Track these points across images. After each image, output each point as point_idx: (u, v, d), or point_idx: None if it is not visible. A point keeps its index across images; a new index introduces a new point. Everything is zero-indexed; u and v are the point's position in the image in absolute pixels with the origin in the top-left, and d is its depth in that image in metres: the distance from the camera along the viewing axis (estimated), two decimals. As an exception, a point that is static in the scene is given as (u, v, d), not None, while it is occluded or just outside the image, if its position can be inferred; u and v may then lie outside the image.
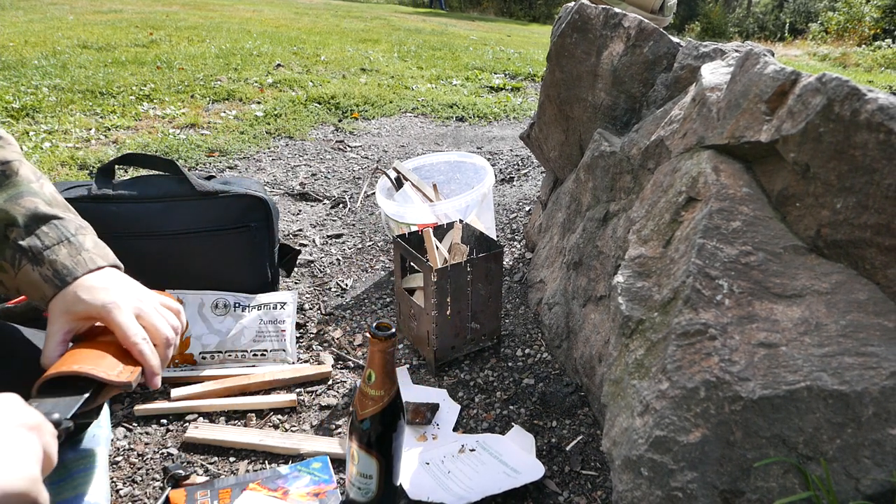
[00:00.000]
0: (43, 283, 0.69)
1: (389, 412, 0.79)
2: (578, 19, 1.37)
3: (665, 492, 0.77)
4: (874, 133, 0.70)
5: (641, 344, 0.87)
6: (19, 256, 0.69)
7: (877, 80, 5.81)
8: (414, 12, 12.28)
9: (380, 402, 0.77)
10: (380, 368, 0.75)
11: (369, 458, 0.81)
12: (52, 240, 0.71)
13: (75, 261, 0.71)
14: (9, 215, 0.69)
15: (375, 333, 0.74)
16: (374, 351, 0.75)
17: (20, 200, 0.71)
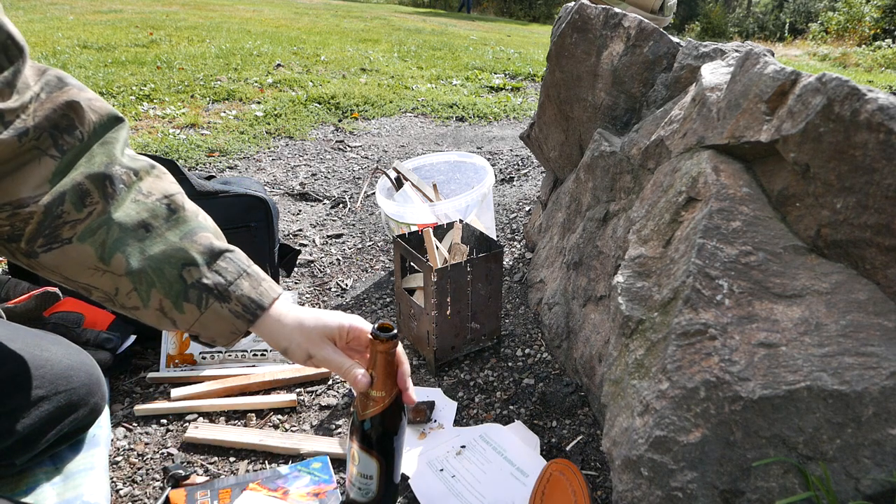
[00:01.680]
0: (234, 319, 0.70)
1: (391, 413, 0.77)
2: (578, 19, 1.37)
3: (665, 492, 0.77)
4: (874, 133, 0.70)
5: (641, 344, 0.87)
6: (206, 296, 0.68)
7: (877, 80, 5.81)
8: (414, 12, 12.28)
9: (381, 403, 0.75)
10: (382, 370, 0.73)
11: (370, 458, 0.80)
12: (232, 274, 0.70)
13: (259, 292, 0.71)
14: (188, 255, 0.68)
15: (377, 335, 0.72)
16: (376, 352, 0.72)
17: (195, 238, 0.70)
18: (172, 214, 0.70)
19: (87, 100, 0.68)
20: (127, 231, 0.66)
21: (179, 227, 0.70)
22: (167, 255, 0.67)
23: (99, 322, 1.23)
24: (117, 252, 0.66)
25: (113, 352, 1.21)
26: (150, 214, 0.68)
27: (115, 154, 0.69)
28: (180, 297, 0.68)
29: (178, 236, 0.69)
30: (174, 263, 0.67)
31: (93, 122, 0.68)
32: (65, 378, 0.87)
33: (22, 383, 0.82)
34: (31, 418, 0.83)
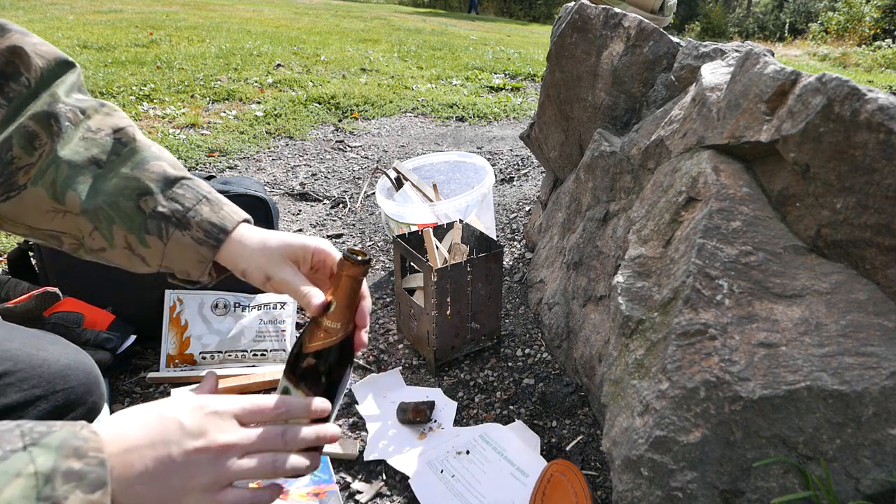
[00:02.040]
0: (198, 247, 0.65)
1: (343, 349, 0.67)
2: (578, 19, 1.37)
3: (665, 492, 0.77)
4: (874, 133, 0.70)
5: (641, 344, 0.87)
6: (164, 225, 0.65)
7: (877, 80, 5.81)
8: (414, 12, 12.28)
9: (335, 336, 0.65)
10: (344, 297, 0.64)
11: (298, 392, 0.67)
12: (190, 201, 0.66)
13: (220, 216, 0.67)
14: (140, 183, 0.64)
15: (348, 256, 0.63)
16: (344, 276, 0.64)
17: (147, 167, 0.66)
18: (123, 148, 0.67)
19: (32, 45, 0.66)
20: (77, 168, 0.64)
21: (132, 158, 0.66)
22: (120, 187, 0.64)
23: (99, 322, 1.23)
24: (69, 190, 0.63)
25: (113, 352, 1.21)
26: (99, 150, 0.65)
27: (59, 94, 0.66)
28: (142, 230, 0.65)
29: (130, 167, 0.65)
30: (129, 195, 0.64)
31: (39, 68, 0.66)
32: (62, 377, 0.87)
33: (19, 383, 0.81)
34: (28, 417, 0.82)
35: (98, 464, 0.46)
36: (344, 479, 1.05)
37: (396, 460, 1.08)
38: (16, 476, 0.42)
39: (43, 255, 1.27)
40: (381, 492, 1.03)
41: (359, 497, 1.02)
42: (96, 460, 0.46)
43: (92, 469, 0.45)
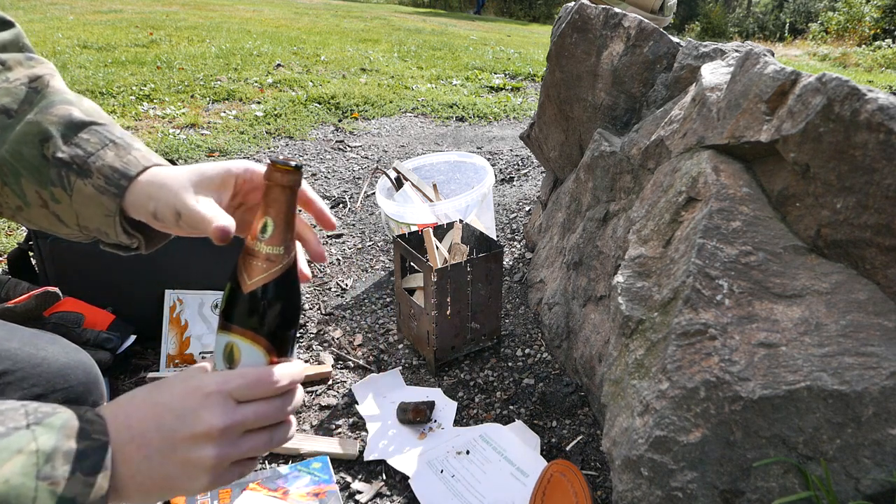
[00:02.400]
0: (100, 196, 0.56)
1: (288, 280, 0.54)
2: (578, 19, 1.37)
3: (665, 492, 0.77)
4: (874, 133, 0.70)
5: (641, 344, 0.87)
6: (66, 173, 0.56)
7: (877, 80, 5.81)
8: (414, 12, 12.28)
9: (278, 264, 0.53)
10: (281, 214, 0.52)
11: (254, 347, 0.54)
12: (94, 145, 0.57)
13: (125, 161, 0.57)
14: (41, 128, 0.57)
15: (277, 161, 0.52)
16: (274, 187, 0.52)
17: (51, 110, 0.59)
18: (36, 95, 0.60)
19: None
20: None
21: (39, 103, 0.59)
22: (22, 133, 0.57)
23: (99, 322, 1.23)
24: None
25: (113, 352, 1.21)
26: (11, 99, 0.59)
27: None
28: (48, 182, 0.57)
29: (34, 113, 0.58)
30: (30, 141, 0.57)
31: None
32: (62, 376, 0.87)
33: (19, 382, 0.81)
34: None
35: (100, 447, 0.45)
36: (344, 479, 1.05)
37: (396, 460, 1.08)
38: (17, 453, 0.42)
39: (43, 255, 1.27)
40: (381, 492, 1.03)
41: (359, 497, 1.02)
42: (98, 443, 0.45)
43: (94, 451, 0.44)
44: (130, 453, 0.46)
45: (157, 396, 0.48)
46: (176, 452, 0.47)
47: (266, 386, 0.50)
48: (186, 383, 0.49)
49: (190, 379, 0.49)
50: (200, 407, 0.47)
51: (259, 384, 0.50)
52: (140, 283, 1.32)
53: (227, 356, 0.54)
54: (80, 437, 0.44)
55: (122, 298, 1.30)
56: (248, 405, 0.49)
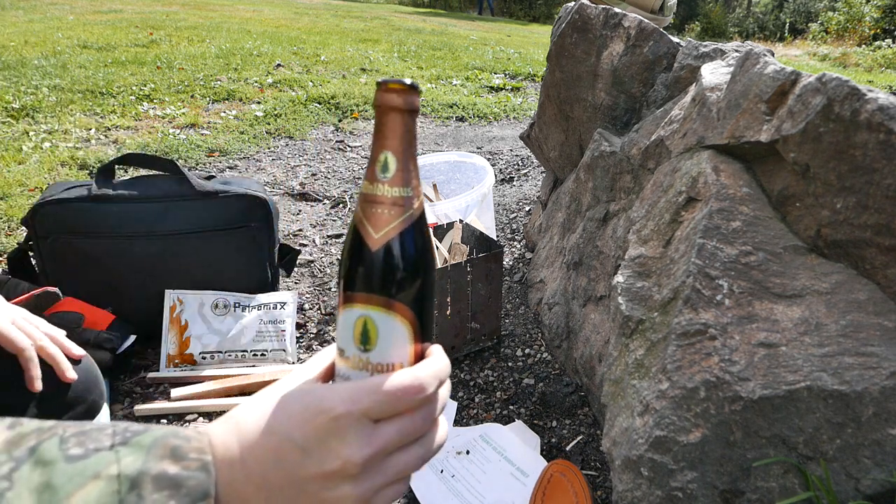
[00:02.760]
0: None
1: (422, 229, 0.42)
2: (578, 19, 1.37)
3: (665, 492, 0.77)
4: (874, 133, 0.70)
5: (641, 344, 0.87)
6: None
7: (877, 80, 5.81)
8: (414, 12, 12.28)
9: (408, 208, 0.41)
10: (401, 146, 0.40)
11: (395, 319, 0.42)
12: None
13: None
14: None
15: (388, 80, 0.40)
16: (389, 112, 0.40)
17: None
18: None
19: None
20: None
21: None
22: None
23: (99, 322, 1.23)
24: None
25: (113, 352, 1.21)
26: None
27: None
28: None
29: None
30: None
31: None
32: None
33: (19, 381, 0.82)
34: (27, 416, 0.82)
35: (200, 468, 0.35)
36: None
37: (396, 460, 1.07)
38: (93, 478, 0.33)
39: (43, 255, 1.27)
40: (381, 492, 1.03)
41: (359, 497, 1.02)
42: (198, 463, 0.35)
43: (191, 475, 0.35)
44: (248, 495, 0.37)
45: (272, 423, 0.37)
46: (305, 494, 0.37)
47: (410, 398, 0.39)
48: (306, 402, 0.38)
49: (310, 395, 0.38)
50: (330, 437, 0.37)
51: (401, 397, 0.38)
52: (140, 283, 1.32)
53: (360, 336, 0.42)
54: (174, 456, 0.35)
55: (122, 298, 1.30)
56: (390, 423, 0.39)
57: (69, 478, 0.33)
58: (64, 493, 0.32)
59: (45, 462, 0.33)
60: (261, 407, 0.38)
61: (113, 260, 1.29)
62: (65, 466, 0.33)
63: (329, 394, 0.38)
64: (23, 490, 0.32)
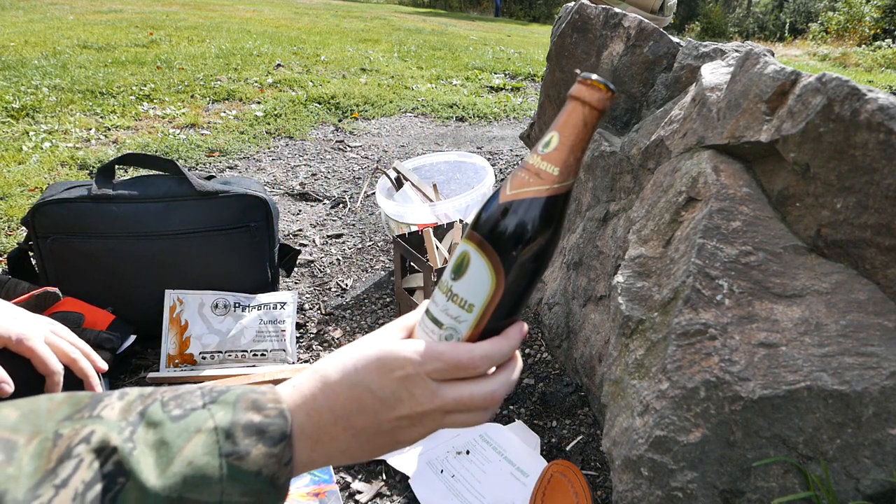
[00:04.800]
0: None
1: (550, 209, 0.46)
2: (578, 19, 1.37)
3: (665, 492, 0.77)
4: (874, 133, 0.70)
5: (641, 344, 0.87)
6: None
7: (877, 80, 5.81)
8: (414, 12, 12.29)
9: (546, 184, 0.45)
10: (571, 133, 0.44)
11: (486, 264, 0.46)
12: None
13: None
14: None
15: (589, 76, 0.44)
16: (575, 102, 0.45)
17: None
18: None
19: None
20: None
21: None
22: None
23: (99, 322, 1.23)
24: None
25: (113, 352, 1.21)
26: None
27: None
28: None
29: None
30: None
31: None
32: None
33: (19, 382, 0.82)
34: None
35: (278, 415, 0.44)
36: (344, 479, 1.05)
37: (396, 460, 1.08)
38: (196, 432, 0.41)
39: (43, 255, 1.27)
40: (381, 492, 1.03)
41: (359, 497, 1.02)
42: (276, 411, 0.44)
43: (272, 421, 0.43)
44: (337, 433, 0.46)
45: (354, 377, 0.46)
46: (381, 431, 0.47)
47: (465, 371, 0.47)
48: (383, 360, 0.47)
49: (387, 354, 0.47)
50: (401, 390, 0.46)
51: (457, 369, 0.47)
52: (140, 283, 1.32)
53: (456, 265, 0.48)
54: (255, 407, 0.43)
55: (122, 298, 1.30)
56: (449, 388, 0.47)
57: (177, 434, 0.41)
58: (176, 447, 0.40)
59: (155, 423, 0.41)
60: (342, 360, 0.48)
61: (113, 260, 1.29)
62: (171, 425, 0.41)
63: (403, 352, 0.46)
64: (144, 448, 0.40)
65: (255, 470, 0.41)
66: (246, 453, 0.41)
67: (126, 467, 0.38)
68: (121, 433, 0.40)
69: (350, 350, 0.48)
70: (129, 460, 0.39)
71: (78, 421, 0.40)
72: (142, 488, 0.38)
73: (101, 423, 0.40)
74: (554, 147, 0.45)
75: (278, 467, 0.42)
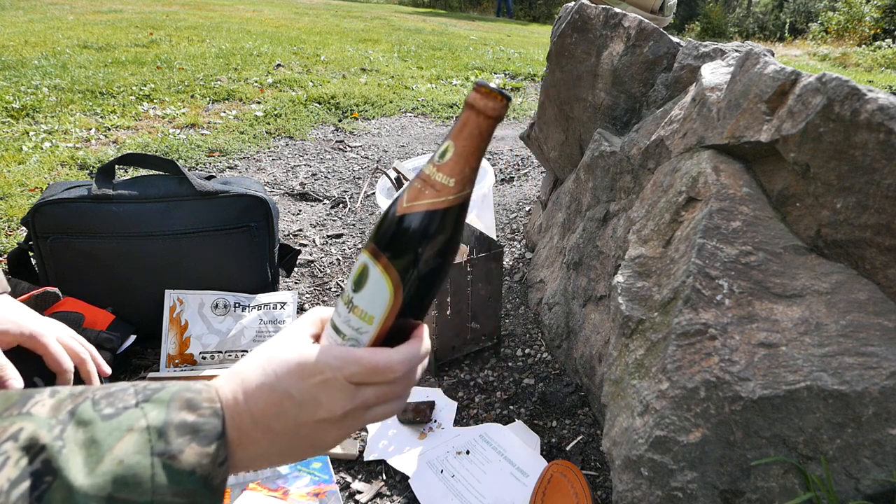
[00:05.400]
0: None
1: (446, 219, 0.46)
2: (578, 19, 1.37)
3: (665, 492, 0.77)
4: (874, 133, 0.70)
5: (641, 344, 0.87)
6: None
7: (877, 80, 5.81)
8: (414, 12, 12.29)
9: (441, 196, 0.45)
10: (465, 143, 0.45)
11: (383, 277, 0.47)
12: None
13: None
14: None
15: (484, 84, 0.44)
16: (468, 110, 0.45)
17: None
18: None
19: None
20: None
21: None
22: None
23: (99, 322, 1.23)
24: None
25: (113, 352, 1.21)
26: None
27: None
28: None
29: None
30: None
31: None
32: None
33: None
34: None
35: (212, 414, 0.44)
36: (344, 479, 1.05)
37: (396, 460, 1.08)
38: (128, 431, 0.40)
39: (43, 255, 1.27)
40: (381, 492, 1.03)
41: (359, 497, 1.02)
42: (210, 411, 0.44)
43: (206, 420, 0.43)
44: (257, 437, 0.46)
45: (274, 382, 0.46)
46: (301, 434, 0.47)
47: (382, 376, 0.48)
48: (302, 366, 0.47)
49: (306, 361, 0.47)
50: (320, 394, 0.46)
51: (375, 373, 0.48)
52: (140, 283, 1.32)
53: (356, 278, 0.49)
54: (189, 406, 0.43)
55: (122, 298, 1.30)
56: (368, 388, 0.48)
57: (108, 433, 0.40)
58: (106, 445, 0.39)
59: (85, 422, 0.40)
60: (261, 364, 0.47)
61: (113, 260, 1.29)
62: (102, 424, 0.40)
63: (322, 357, 0.47)
64: (73, 446, 0.39)
65: (189, 469, 0.41)
66: (179, 452, 0.41)
67: (54, 465, 0.38)
68: (50, 431, 0.39)
69: (268, 353, 0.48)
70: (58, 458, 0.38)
71: (7, 418, 0.39)
72: (69, 487, 0.37)
73: (30, 420, 0.39)
74: (449, 157, 0.45)
75: (213, 467, 0.42)
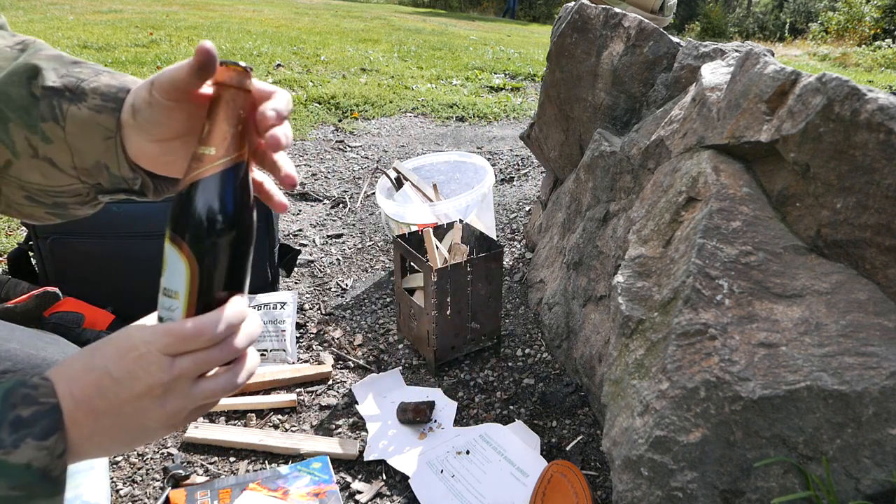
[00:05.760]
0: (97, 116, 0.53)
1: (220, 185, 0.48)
2: (578, 19, 1.37)
3: (665, 492, 0.77)
4: (874, 133, 0.70)
5: (641, 344, 0.87)
6: (57, 102, 0.53)
7: (877, 80, 5.81)
8: (414, 12, 12.29)
9: (206, 164, 0.48)
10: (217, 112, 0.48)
11: (178, 256, 0.48)
12: (87, 74, 0.55)
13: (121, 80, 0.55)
14: (29, 65, 0.54)
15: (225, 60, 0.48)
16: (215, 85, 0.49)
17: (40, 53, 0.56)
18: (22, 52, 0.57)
19: None
20: None
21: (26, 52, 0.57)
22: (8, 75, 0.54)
23: (99, 322, 1.23)
24: None
25: (113, 352, 1.21)
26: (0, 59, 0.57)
27: None
28: (37, 120, 0.53)
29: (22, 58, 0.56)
30: (17, 81, 0.54)
31: None
32: None
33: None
34: None
35: (49, 409, 0.44)
36: (344, 479, 1.05)
37: (396, 460, 1.08)
38: None
39: (43, 255, 1.27)
40: (381, 492, 1.03)
41: (359, 497, 1.02)
42: (47, 406, 0.44)
43: (43, 415, 0.44)
44: (80, 419, 0.46)
45: (93, 361, 0.47)
46: (124, 413, 0.47)
47: (194, 341, 0.47)
48: (119, 344, 0.47)
49: (123, 339, 0.48)
50: (136, 368, 0.46)
51: (185, 340, 0.46)
52: (140, 283, 1.31)
53: (163, 262, 0.50)
54: (26, 403, 0.44)
55: (123, 298, 1.30)
56: (185, 357, 0.47)
57: None
58: None
59: None
60: (87, 350, 0.48)
61: (113, 260, 1.29)
62: None
63: (136, 334, 0.47)
64: None
65: (24, 463, 0.42)
66: (13, 447, 0.42)
67: None
68: None
69: (96, 342, 0.49)
70: None
71: None
72: None
73: None
74: (207, 130, 0.48)
75: (50, 459, 0.43)
